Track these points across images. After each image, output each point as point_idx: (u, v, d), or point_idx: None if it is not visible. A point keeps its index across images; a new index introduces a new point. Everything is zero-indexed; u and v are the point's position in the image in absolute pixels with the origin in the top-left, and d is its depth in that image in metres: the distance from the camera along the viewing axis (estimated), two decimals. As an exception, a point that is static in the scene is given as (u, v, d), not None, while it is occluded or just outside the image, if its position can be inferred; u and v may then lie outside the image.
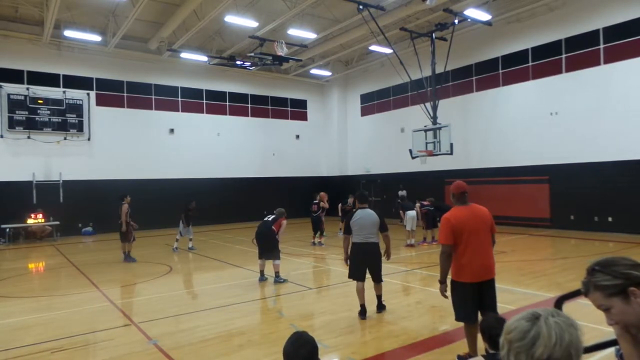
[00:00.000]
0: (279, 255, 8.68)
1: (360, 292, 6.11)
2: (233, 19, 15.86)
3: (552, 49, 16.14)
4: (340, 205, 15.85)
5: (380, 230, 6.14)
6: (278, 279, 8.54)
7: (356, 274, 6.13)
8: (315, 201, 14.30)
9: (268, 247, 8.61)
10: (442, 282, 4.35)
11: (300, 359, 2.20)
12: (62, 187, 18.18)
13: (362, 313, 6.06)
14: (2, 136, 17.38)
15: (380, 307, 6.39)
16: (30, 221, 17.10)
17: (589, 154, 14.94)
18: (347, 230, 6.16)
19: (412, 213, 13.17)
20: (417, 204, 13.58)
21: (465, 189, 4.32)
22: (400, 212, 14.49)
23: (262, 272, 8.76)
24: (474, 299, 4.21)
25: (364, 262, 6.11)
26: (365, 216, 6.07)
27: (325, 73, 24.01)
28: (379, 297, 6.40)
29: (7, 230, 16.64)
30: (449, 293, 4.38)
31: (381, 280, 6.29)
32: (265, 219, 8.91)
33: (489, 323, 2.90)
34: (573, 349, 1.13)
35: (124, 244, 11.89)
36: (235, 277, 9.53)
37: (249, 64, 18.36)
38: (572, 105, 15.51)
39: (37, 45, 17.70)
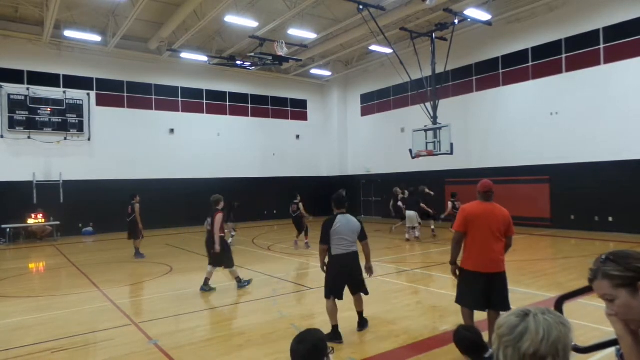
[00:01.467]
0: (228, 262, 7.91)
1: (334, 312, 5.32)
2: (233, 19, 15.86)
3: (552, 48, 16.14)
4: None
5: (359, 239, 5.42)
6: (241, 284, 7.98)
7: (336, 290, 5.38)
8: (295, 201, 13.86)
9: (212, 253, 7.81)
10: (453, 263, 4.74)
11: (300, 355, 2.20)
12: (62, 187, 18.18)
13: (337, 336, 5.19)
14: (2, 136, 17.38)
15: (363, 324, 5.67)
16: (30, 221, 17.10)
17: (589, 153, 14.93)
18: (325, 240, 5.33)
19: (410, 212, 13.89)
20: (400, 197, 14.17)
21: (489, 188, 4.63)
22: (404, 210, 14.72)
23: (206, 281, 7.94)
24: (478, 288, 4.47)
25: (347, 277, 5.41)
26: (347, 223, 5.35)
27: (326, 73, 24.01)
28: (360, 312, 5.68)
29: (8, 230, 16.65)
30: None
31: (367, 292, 5.57)
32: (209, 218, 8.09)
33: (470, 338, 2.85)
34: (561, 345, 1.14)
35: (136, 241, 12.34)
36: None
37: (249, 64, 18.37)
38: (572, 105, 15.50)
39: (37, 45, 17.71)
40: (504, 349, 1.16)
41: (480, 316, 4.74)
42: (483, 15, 15.90)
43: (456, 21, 15.64)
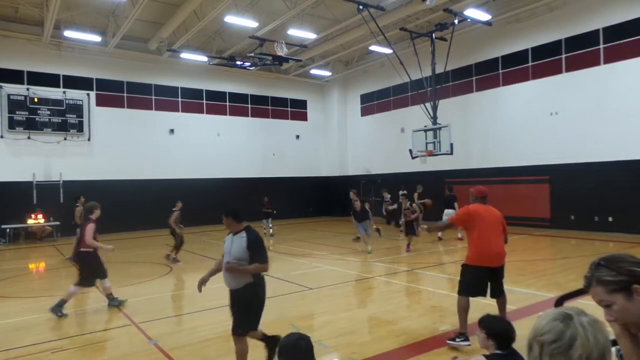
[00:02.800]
0: (101, 272, 7.03)
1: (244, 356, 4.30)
2: (233, 19, 15.86)
3: (552, 49, 16.14)
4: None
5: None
6: (112, 302, 7.03)
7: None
8: (174, 209, 12.92)
9: (83, 267, 6.92)
10: (430, 230, 6.08)
11: (302, 350, 2.19)
12: (62, 188, 18.17)
13: None
14: (2, 136, 17.38)
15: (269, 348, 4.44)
16: (30, 221, 17.10)
17: (589, 153, 14.93)
18: (266, 259, 4.17)
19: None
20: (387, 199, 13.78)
21: (485, 194, 5.22)
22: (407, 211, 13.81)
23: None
24: (485, 280, 4.95)
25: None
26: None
27: (325, 73, 24.01)
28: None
29: (8, 230, 16.65)
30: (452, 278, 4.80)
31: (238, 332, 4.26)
32: None
33: (504, 325, 2.83)
34: (607, 350, 1.11)
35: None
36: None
37: (249, 64, 18.37)
38: (572, 105, 15.51)
39: (37, 45, 17.70)
40: (552, 357, 1.11)
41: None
42: (483, 16, 15.91)
43: (456, 21, 15.64)
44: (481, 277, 4.93)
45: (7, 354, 5.14)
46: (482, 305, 6.54)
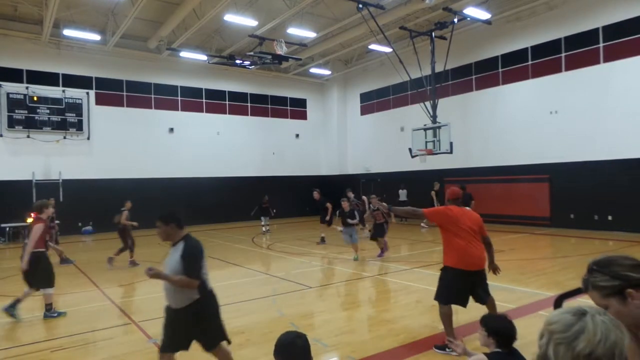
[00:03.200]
0: (44, 282, 6.41)
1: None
2: (232, 18, 15.84)
3: (551, 47, 16.13)
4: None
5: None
6: (49, 314, 6.45)
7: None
8: (122, 208, 12.55)
9: (30, 270, 6.28)
10: (390, 209, 5.46)
11: (299, 348, 2.20)
12: (61, 186, 18.16)
13: None
14: (1, 135, 17.36)
15: None
16: (30, 220, 17.06)
17: (589, 152, 14.94)
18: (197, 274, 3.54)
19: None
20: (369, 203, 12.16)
21: (458, 195, 5.02)
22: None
23: (15, 303, 6.39)
24: (466, 285, 4.77)
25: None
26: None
27: (325, 72, 23.99)
28: None
29: (7, 229, 16.64)
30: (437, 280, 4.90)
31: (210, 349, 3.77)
32: None
33: (504, 323, 2.83)
34: (617, 350, 1.11)
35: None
36: (235, 276, 9.53)
37: (249, 63, 18.35)
38: (571, 104, 15.50)
39: (36, 44, 17.68)
40: (555, 345, 1.13)
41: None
42: (482, 14, 15.89)
43: (455, 20, 15.63)
44: (463, 282, 4.76)
45: (7, 353, 5.14)
46: (481, 305, 6.56)
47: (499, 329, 2.76)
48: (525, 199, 16.55)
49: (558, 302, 2.05)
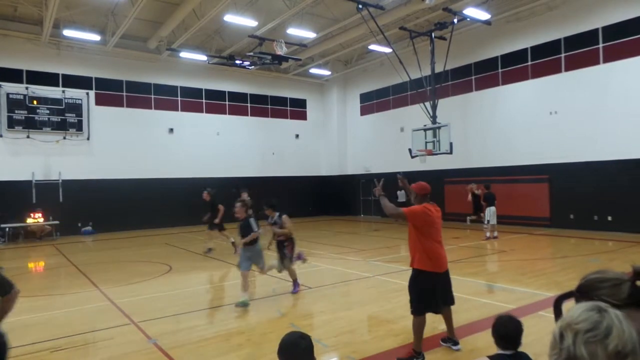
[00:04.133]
0: None
1: None
2: (232, 18, 15.85)
3: (551, 48, 16.15)
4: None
5: None
6: None
7: None
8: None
9: None
10: (384, 195, 4.81)
11: (302, 349, 2.20)
12: (61, 187, 18.17)
13: None
14: (1, 135, 17.36)
15: None
16: (29, 220, 17.09)
17: (589, 153, 14.95)
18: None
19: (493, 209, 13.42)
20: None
21: (430, 191, 4.78)
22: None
23: None
24: (438, 288, 4.59)
25: None
26: None
27: (325, 72, 24.01)
28: None
29: (7, 229, 16.64)
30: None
31: None
32: None
33: (508, 325, 2.80)
34: (637, 346, 1.12)
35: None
36: (235, 276, 9.51)
37: (249, 63, 18.36)
38: (571, 105, 15.52)
39: (36, 44, 17.68)
40: (587, 345, 1.12)
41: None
42: (482, 15, 15.91)
43: (455, 20, 15.64)
44: (435, 285, 4.56)
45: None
46: (480, 305, 6.57)
47: (499, 330, 2.76)
48: (525, 199, 16.56)
49: (558, 303, 2.04)
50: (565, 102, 15.68)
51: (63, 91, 18.57)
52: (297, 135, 25.45)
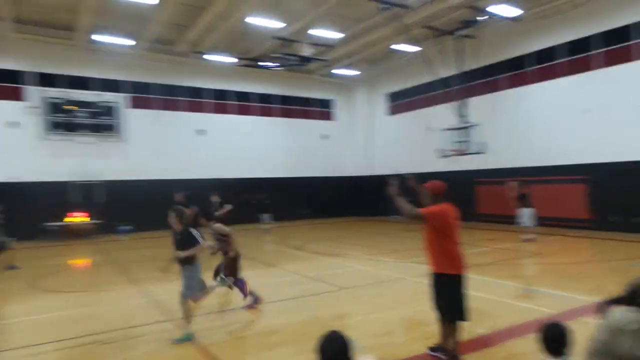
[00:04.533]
0: None
1: None
2: (257, 21, 16.03)
3: (584, 44, 15.59)
4: None
5: None
6: None
7: None
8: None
9: None
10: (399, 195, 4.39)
11: (332, 354, 2.28)
12: (101, 187, 18.92)
13: None
14: (43, 139, 18.24)
15: None
16: (71, 220, 17.91)
17: (631, 152, 14.33)
18: None
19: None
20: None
21: (445, 190, 4.56)
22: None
23: None
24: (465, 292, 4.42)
25: None
26: None
27: (351, 72, 23.98)
28: None
29: (51, 228, 17.44)
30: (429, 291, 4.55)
31: None
32: None
33: (553, 330, 2.76)
34: None
35: None
36: (268, 276, 9.69)
37: (275, 64, 18.55)
38: (608, 102, 14.94)
39: (72, 50, 18.47)
40: None
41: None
42: (511, 11, 15.49)
43: (483, 18, 15.29)
44: (463, 289, 4.41)
45: (46, 347, 5.41)
46: (520, 309, 6.45)
47: (546, 336, 2.76)
48: (562, 200, 16.03)
49: (603, 309, 2.04)
50: (601, 99, 15.09)
51: (99, 95, 19.33)
52: (324, 136, 25.52)
